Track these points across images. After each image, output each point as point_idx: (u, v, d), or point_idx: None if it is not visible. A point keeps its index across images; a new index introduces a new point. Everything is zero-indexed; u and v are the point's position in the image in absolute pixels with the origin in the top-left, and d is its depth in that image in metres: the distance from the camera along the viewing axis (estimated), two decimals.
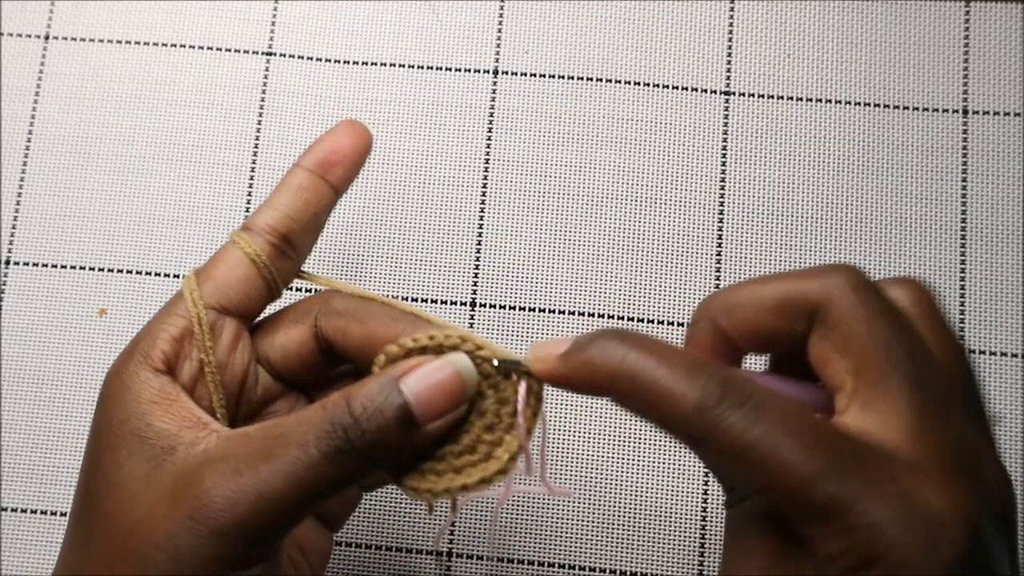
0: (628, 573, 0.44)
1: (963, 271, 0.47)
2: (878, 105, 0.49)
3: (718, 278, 0.47)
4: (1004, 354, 0.46)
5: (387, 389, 0.29)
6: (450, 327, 0.31)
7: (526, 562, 0.44)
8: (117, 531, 0.29)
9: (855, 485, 0.24)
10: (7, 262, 0.48)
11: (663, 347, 0.27)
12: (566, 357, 0.28)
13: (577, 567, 0.44)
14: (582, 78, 0.50)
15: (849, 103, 0.49)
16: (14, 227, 0.48)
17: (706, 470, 0.45)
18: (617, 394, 0.27)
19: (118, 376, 0.31)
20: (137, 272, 0.48)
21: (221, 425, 0.31)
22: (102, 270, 0.48)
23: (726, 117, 0.49)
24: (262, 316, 0.36)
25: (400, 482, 0.31)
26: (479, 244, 0.48)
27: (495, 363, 0.31)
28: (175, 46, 0.50)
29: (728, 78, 0.50)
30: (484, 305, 0.47)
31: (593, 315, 0.47)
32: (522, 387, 0.30)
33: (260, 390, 0.34)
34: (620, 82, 0.50)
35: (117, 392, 0.31)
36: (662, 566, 0.44)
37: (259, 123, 0.49)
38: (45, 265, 0.48)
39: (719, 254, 0.48)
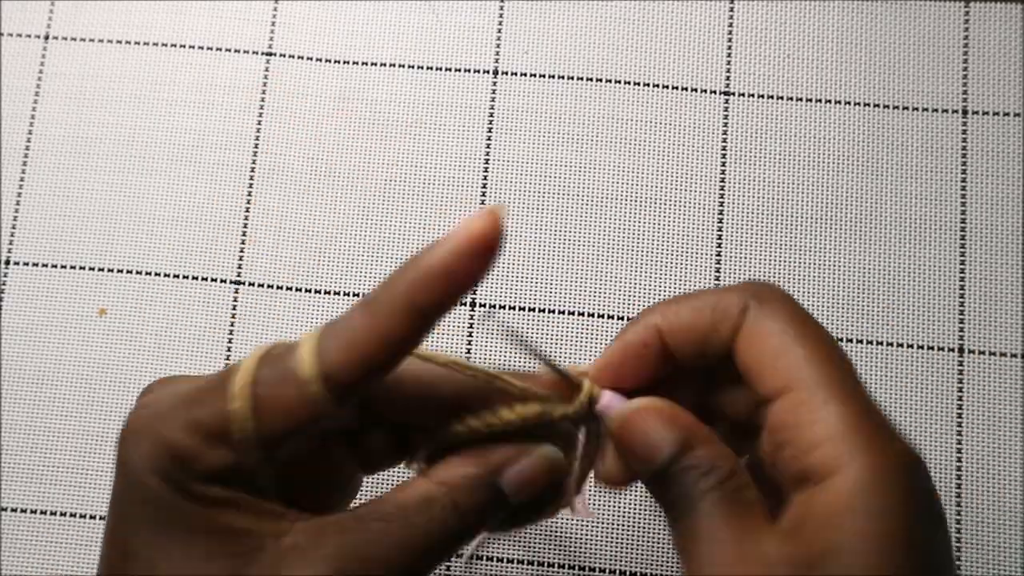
0: (628, 573, 0.44)
1: (963, 271, 0.47)
2: (878, 105, 0.49)
3: (718, 278, 0.47)
4: (1004, 354, 0.46)
5: (487, 489, 0.30)
6: (518, 389, 0.31)
7: (526, 562, 0.44)
8: None
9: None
10: (7, 262, 0.48)
11: (689, 294, 0.32)
12: (614, 346, 0.32)
13: (577, 567, 0.44)
14: (582, 78, 0.50)
15: (849, 103, 0.49)
16: (14, 227, 0.48)
17: None
18: (672, 338, 0.31)
19: (161, 482, 0.27)
20: (137, 272, 0.48)
21: (291, 510, 0.28)
22: (102, 270, 0.48)
23: (726, 117, 0.49)
24: None
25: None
26: None
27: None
28: (175, 46, 0.50)
29: (728, 78, 0.50)
30: (484, 305, 0.47)
31: (593, 315, 0.47)
32: (581, 441, 0.32)
33: None
34: (620, 82, 0.50)
35: (163, 495, 0.27)
36: (662, 566, 0.44)
37: (259, 123, 0.49)
38: (45, 265, 0.48)
39: (719, 254, 0.48)
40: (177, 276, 0.48)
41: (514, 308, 0.47)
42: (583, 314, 0.47)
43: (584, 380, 0.31)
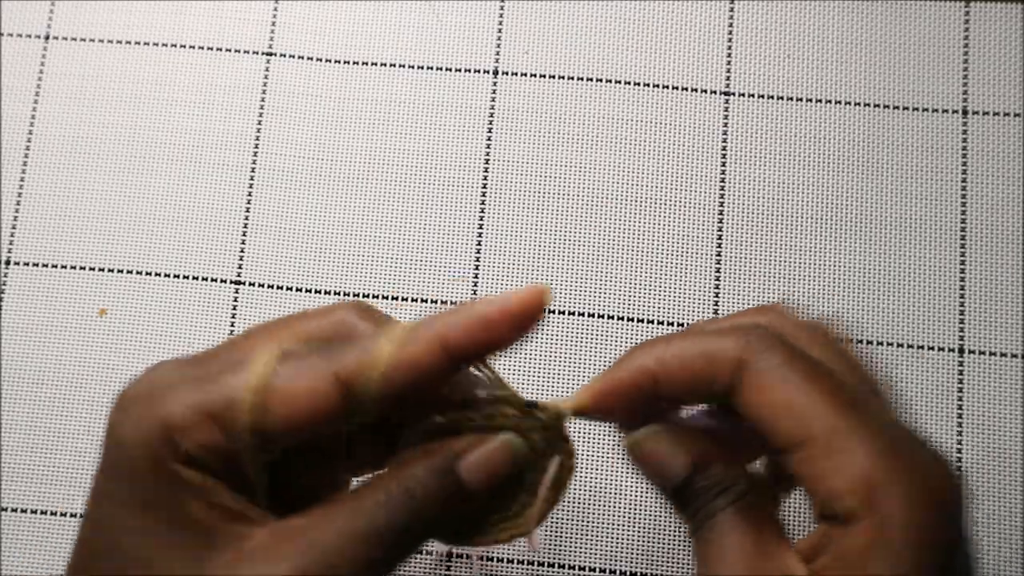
0: (628, 573, 0.44)
1: (963, 271, 0.47)
2: (878, 105, 0.49)
3: (718, 278, 0.47)
4: (1004, 354, 0.46)
5: (443, 476, 0.29)
6: (507, 395, 0.31)
7: (526, 562, 0.44)
8: None
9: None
10: (7, 262, 0.48)
11: (685, 333, 0.31)
12: (604, 377, 0.30)
13: (577, 567, 0.44)
14: (582, 78, 0.50)
15: (849, 103, 0.49)
16: (14, 227, 0.48)
17: None
18: (664, 382, 0.30)
19: (145, 457, 0.27)
20: (137, 272, 0.48)
21: (260, 512, 0.28)
22: (102, 270, 0.48)
23: (726, 117, 0.49)
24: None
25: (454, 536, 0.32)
26: (479, 244, 0.48)
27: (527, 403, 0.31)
28: (175, 46, 0.50)
29: (728, 78, 0.50)
30: None
31: (593, 315, 0.47)
32: (552, 466, 0.31)
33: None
34: (620, 82, 0.50)
35: (144, 473, 0.27)
36: (662, 566, 0.44)
37: (259, 123, 0.49)
38: (45, 265, 0.48)
39: (719, 254, 0.48)
40: (177, 276, 0.48)
41: None
42: (583, 314, 0.47)
43: (558, 403, 0.31)
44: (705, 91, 0.49)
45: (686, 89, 0.50)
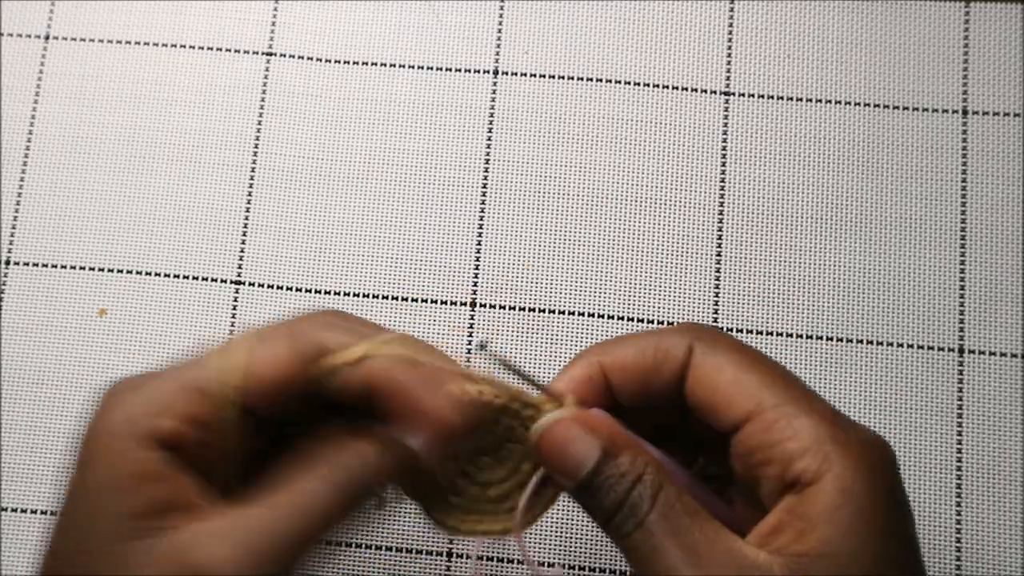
0: (628, 573, 0.44)
1: (963, 271, 0.47)
2: (878, 105, 0.49)
3: (718, 278, 0.47)
4: (1004, 354, 0.46)
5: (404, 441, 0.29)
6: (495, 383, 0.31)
7: (527, 562, 0.44)
8: None
9: None
10: (7, 262, 0.48)
11: (626, 335, 0.33)
12: (559, 378, 0.32)
13: (577, 567, 0.44)
14: (582, 78, 0.50)
15: (849, 103, 0.49)
16: (14, 227, 0.48)
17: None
18: (618, 374, 0.31)
19: (113, 438, 0.29)
20: (137, 272, 0.48)
21: (214, 496, 0.29)
22: (102, 270, 0.48)
23: (726, 117, 0.49)
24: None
25: (429, 514, 0.32)
26: (479, 244, 0.48)
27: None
28: (175, 46, 0.50)
29: (728, 78, 0.50)
30: (484, 305, 0.47)
31: (593, 315, 0.47)
32: (536, 476, 0.31)
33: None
34: (620, 82, 0.50)
35: (105, 453, 0.30)
36: None
37: (259, 123, 0.49)
38: (45, 265, 0.48)
39: (719, 254, 0.48)
40: (177, 276, 0.48)
41: (514, 308, 0.47)
42: (583, 314, 0.47)
43: (566, 397, 0.31)
44: (705, 91, 0.49)
45: (686, 89, 0.50)
